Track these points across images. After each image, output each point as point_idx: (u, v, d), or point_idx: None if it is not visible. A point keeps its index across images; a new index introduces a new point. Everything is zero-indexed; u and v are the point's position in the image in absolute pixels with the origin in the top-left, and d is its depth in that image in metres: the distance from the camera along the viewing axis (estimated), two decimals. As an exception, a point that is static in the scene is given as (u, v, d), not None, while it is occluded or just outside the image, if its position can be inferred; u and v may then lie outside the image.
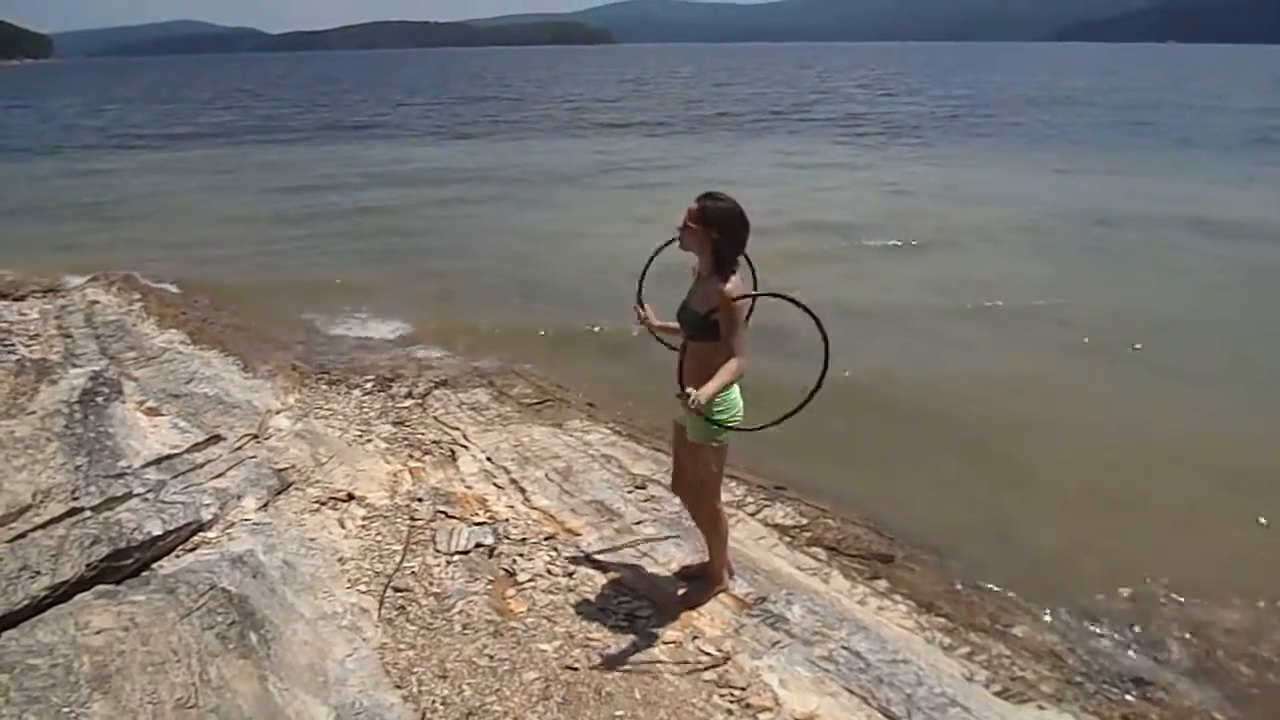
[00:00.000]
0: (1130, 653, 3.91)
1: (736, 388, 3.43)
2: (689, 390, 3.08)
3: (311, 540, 4.28)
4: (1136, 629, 4.10)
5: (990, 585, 4.37)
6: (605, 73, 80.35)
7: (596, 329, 8.40)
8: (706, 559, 3.94)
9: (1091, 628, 4.10)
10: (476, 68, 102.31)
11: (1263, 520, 5.06)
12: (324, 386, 6.52)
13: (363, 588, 3.95)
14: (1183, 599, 4.31)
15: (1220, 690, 3.69)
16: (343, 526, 4.48)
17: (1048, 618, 4.12)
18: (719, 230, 3.27)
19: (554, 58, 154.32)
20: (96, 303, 8.36)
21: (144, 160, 22.71)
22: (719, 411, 3.39)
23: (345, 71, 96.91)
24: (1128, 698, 3.55)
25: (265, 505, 4.56)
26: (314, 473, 5.02)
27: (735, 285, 3.27)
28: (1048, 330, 8.33)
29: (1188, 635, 4.05)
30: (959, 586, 4.32)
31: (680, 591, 3.95)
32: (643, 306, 3.70)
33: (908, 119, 31.19)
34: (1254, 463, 5.71)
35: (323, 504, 4.68)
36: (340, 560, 4.15)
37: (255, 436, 5.35)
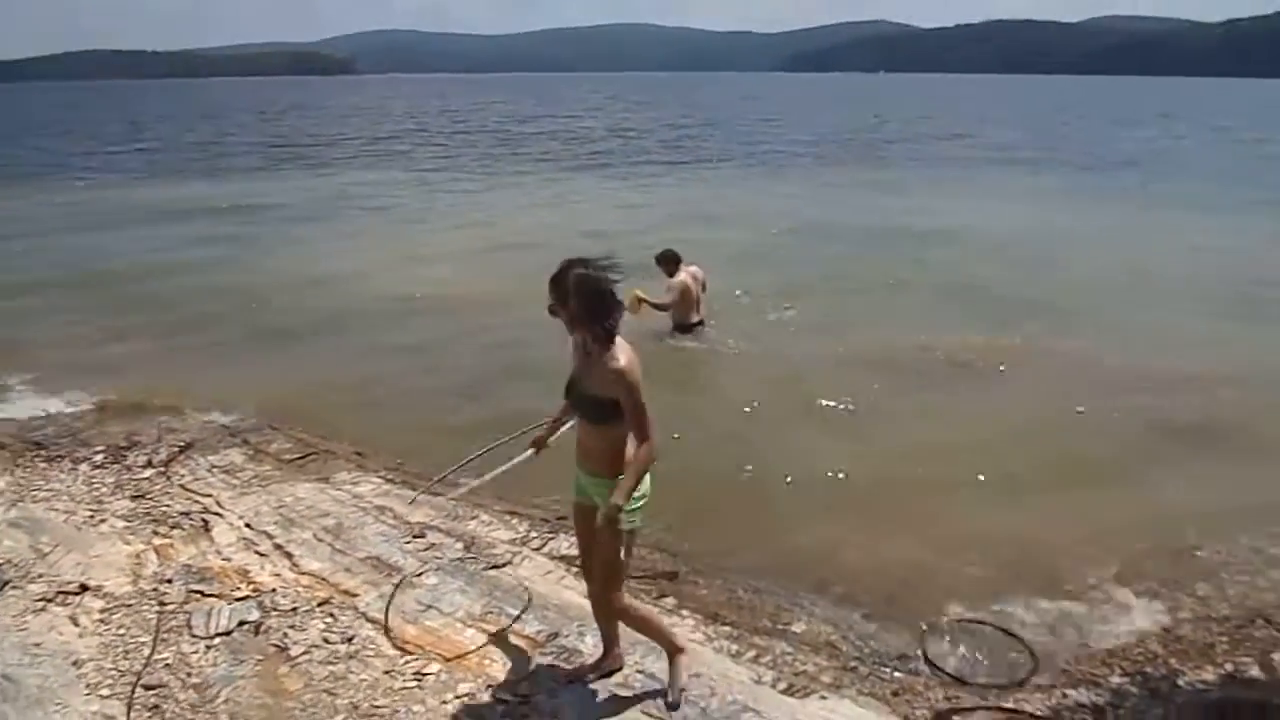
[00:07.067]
0: (891, 632, 4.22)
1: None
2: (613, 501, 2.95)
3: (37, 646, 3.73)
4: (895, 608, 4.43)
5: (768, 587, 4.57)
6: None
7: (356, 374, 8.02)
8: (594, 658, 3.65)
9: (857, 614, 4.37)
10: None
11: (981, 477, 5.79)
12: (42, 465, 5.72)
13: (105, 691, 3.48)
14: (933, 574, 4.73)
15: (972, 650, 4.07)
16: (76, 624, 3.93)
17: (820, 610, 4.37)
18: (578, 299, 2.96)
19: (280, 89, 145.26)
20: None
21: None
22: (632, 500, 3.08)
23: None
24: (896, 674, 3.84)
25: (-28, 614, 3.92)
26: (35, 566, 4.39)
27: (630, 360, 3.00)
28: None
29: (943, 609, 4.43)
30: (740, 593, 4.49)
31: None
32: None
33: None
34: (991, 448, 6.39)
35: (49, 601, 4.09)
36: (75, 664, 3.63)
37: (-47, 534, 4.60)
